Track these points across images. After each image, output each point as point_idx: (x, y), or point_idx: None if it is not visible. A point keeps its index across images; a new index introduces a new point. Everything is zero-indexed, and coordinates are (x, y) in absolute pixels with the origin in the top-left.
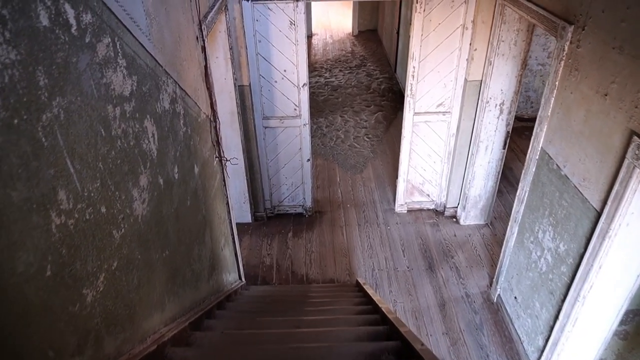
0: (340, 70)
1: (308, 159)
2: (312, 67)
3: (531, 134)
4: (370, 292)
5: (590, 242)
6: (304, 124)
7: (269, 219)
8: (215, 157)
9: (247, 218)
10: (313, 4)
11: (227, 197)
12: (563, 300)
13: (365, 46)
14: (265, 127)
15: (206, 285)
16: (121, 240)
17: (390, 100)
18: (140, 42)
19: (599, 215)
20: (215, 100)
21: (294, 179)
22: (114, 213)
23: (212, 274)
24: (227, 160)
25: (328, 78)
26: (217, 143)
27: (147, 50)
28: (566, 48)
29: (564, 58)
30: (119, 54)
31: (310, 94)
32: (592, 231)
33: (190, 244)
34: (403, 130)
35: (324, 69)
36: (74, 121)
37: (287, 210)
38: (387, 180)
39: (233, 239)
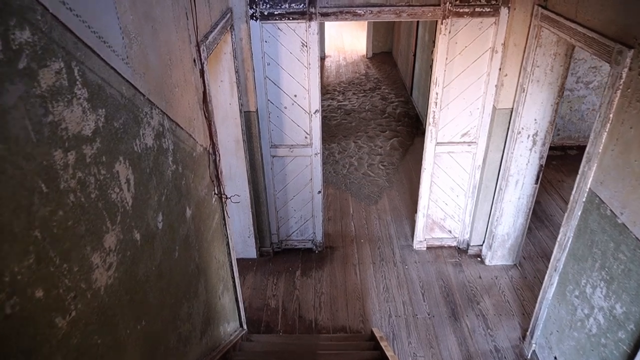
0: (354, 93)
1: (319, 191)
2: (325, 90)
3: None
4: (389, 354)
5: None
6: (315, 154)
7: (276, 255)
8: (214, 194)
9: (252, 253)
10: (327, 25)
11: (227, 237)
12: None
13: (380, 69)
14: (273, 156)
15: (198, 346)
16: (70, 327)
17: (407, 126)
18: (112, 67)
19: None
20: (215, 131)
21: (304, 212)
22: (59, 294)
23: (206, 330)
24: (227, 198)
25: (341, 101)
26: (217, 178)
27: (122, 77)
28: (624, 76)
29: (620, 87)
30: (78, 83)
31: (322, 118)
32: None
33: (177, 303)
34: (424, 162)
35: (336, 91)
36: None
37: (296, 245)
38: (404, 212)
39: (234, 283)
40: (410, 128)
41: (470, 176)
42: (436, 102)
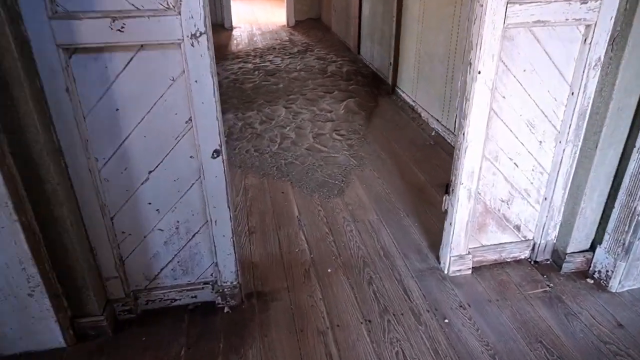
0: (277, 56)
1: (215, 151)
2: (234, 56)
3: None
4: None
5: None
6: (195, 34)
7: (124, 330)
8: None
9: (53, 338)
10: (232, 3)
11: None
12: None
13: (308, 35)
14: (73, 51)
15: None
16: None
17: (362, 85)
18: None
19: None
20: None
21: (182, 215)
22: None
23: None
24: None
25: (259, 64)
26: None
27: None
28: None
29: None
30: None
31: (231, 82)
32: None
33: None
34: (475, 55)
35: (251, 56)
36: None
37: (173, 300)
38: (399, 204)
39: None
40: (368, 87)
41: (574, 89)
42: None
